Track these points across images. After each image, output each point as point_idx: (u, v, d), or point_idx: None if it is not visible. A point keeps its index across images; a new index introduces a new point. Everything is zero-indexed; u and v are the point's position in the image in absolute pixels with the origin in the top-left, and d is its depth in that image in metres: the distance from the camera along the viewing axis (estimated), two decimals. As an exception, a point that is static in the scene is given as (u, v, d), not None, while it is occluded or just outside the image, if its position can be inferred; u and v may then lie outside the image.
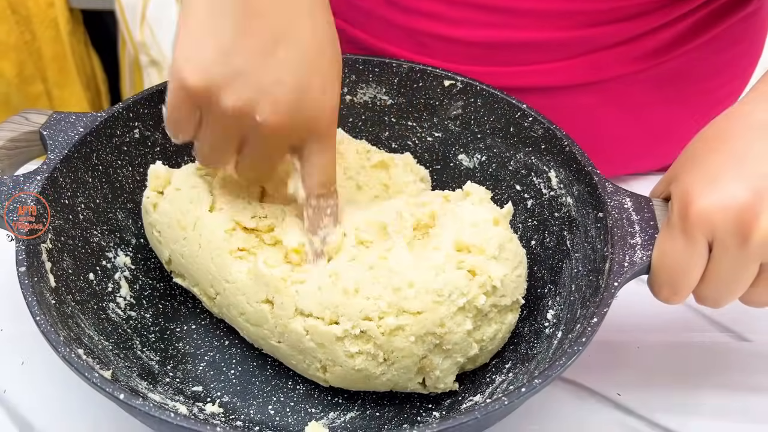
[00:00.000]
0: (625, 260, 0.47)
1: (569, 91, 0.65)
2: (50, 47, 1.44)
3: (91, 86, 1.56)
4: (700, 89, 0.66)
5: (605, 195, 0.51)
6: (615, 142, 0.69)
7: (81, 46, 1.50)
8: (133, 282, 0.57)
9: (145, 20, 1.40)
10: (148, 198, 0.56)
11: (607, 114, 0.67)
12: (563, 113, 0.61)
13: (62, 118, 0.56)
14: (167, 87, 0.46)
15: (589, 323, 0.44)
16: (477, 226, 0.50)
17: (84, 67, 1.52)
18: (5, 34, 1.40)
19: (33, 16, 1.41)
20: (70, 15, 1.44)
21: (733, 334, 0.58)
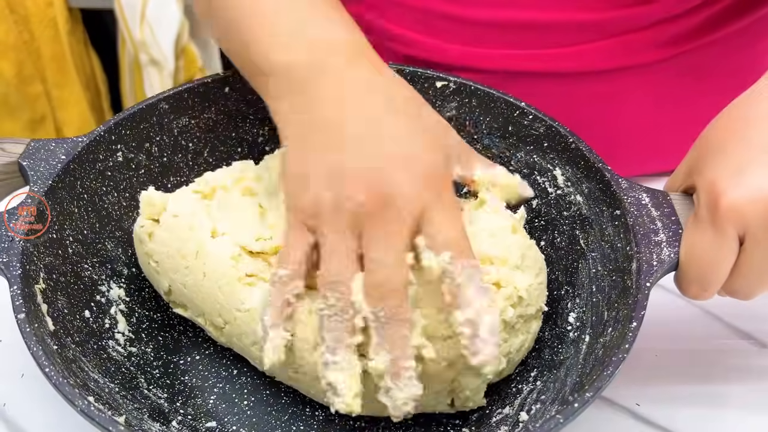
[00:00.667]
0: (653, 259, 0.46)
1: (586, 79, 0.64)
2: (49, 47, 1.42)
3: (91, 86, 1.53)
4: (722, 85, 0.65)
5: (620, 192, 0.50)
6: (629, 137, 0.68)
7: (80, 46, 1.47)
8: (129, 315, 0.54)
9: (144, 19, 1.37)
10: (143, 227, 0.53)
11: (622, 106, 0.66)
12: (577, 103, 0.59)
13: (41, 146, 0.52)
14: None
15: (628, 327, 0.43)
16: (495, 236, 0.48)
17: (83, 66, 1.49)
18: (4, 34, 1.38)
19: (31, 16, 1.38)
20: (69, 14, 1.42)
21: (754, 341, 0.57)
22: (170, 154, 0.58)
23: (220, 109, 0.59)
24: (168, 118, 0.57)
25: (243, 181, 0.54)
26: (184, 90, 0.58)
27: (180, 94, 0.58)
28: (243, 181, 0.54)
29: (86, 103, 1.52)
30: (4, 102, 1.48)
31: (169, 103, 0.57)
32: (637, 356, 0.55)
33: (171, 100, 0.57)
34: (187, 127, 0.58)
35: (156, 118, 0.57)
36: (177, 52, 1.43)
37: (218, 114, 0.59)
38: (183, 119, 0.58)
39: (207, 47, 1.51)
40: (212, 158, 0.60)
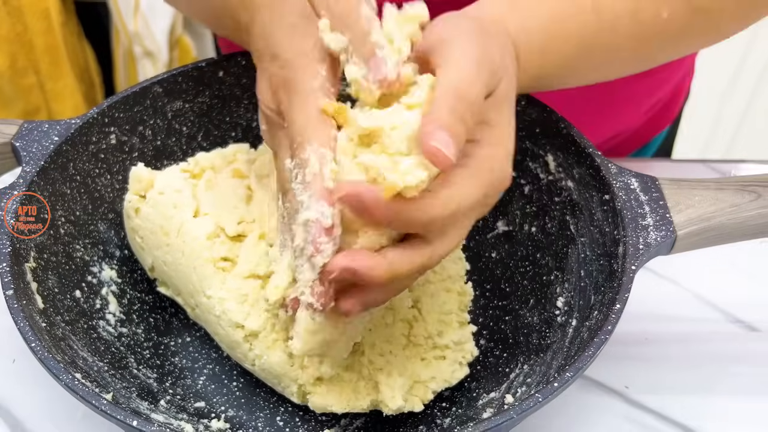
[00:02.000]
0: (640, 243, 0.46)
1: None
2: (42, 39, 1.41)
3: (85, 78, 1.53)
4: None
5: (609, 177, 0.50)
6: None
7: (74, 38, 1.47)
8: (120, 296, 0.54)
9: (138, 10, 1.37)
10: (130, 202, 0.53)
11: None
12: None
13: (34, 128, 0.52)
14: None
15: (611, 310, 0.43)
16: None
17: (77, 58, 1.49)
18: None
19: (25, 8, 1.38)
20: (63, 6, 1.41)
21: (743, 324, 0.58)
22: (164, 137, 0.58)
23: (214, 93, 0.59)
24: (162, 102, 0.58)
25: (234, 163, 0.54)
26: (178, 74, 0.58)
27: (174, 78, 0.58)
28: (234, 163, 0.54)
29: (80, 94, 1.52)
30: (-5, 93, 1.48)
31: (163, 86, 0.57)
32: (627, 340, 0.55)
33: (165, 83, 0.57)
34: (180, 110, 0.59)
35: (150, 101, 0.57)
36: (171, 43, 1.44)
37: (212, 98, 0.59)
38: (177, 103, 0.58)
39: (201, 38, 1.52)
40: (206, 142, 0.60)
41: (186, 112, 0.59)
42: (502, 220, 0.58)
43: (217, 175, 0.54)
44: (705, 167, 0.70)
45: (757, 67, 1.41)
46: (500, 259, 0.58)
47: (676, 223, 0.47)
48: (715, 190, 0.48)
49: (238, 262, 0.51)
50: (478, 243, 0.59)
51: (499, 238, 0.58)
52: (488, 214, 0.58)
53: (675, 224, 0.47)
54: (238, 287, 0.49)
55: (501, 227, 0.58)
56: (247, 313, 0.49)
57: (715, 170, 0.70)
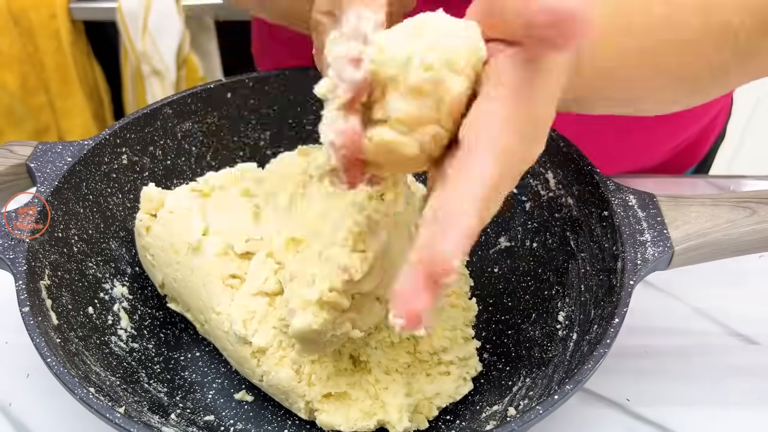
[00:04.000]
0: (638, 258, 0.47)
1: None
2: (53, 58, 1.45)
3: (94, 97, 1.56)
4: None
5: (608, 193, 0.51)
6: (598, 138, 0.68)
7: (83, 57, 1.50)
8: (132, 312, 0.55)
9: (146, 30, 1.40)
10: (141, 221, 0.55)
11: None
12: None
13: (48, 149, 0.54)
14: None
15: (610, 324, 0.44)
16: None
17: (86, 77, 1.52)
18: (8, 46, 1.41)
19: (35, 28, 1.42)
20: (72, 26, 1.45)
21: (742, 337, 0.58)
22: (173, 157, 0.60)
23: (223, 113, 0.61)
24: (172, 123, 0.59)
25: (242, 182, 0.56)
26: (188, 95, 0.59)
27: (184, 99, 0.59)
28: (242, 182, 0.56)
29: (89, 112, 1.55)
30: (8, 113, 1.51)
31: (173, 107, 0.59)
32: (627, 353, 0.56)
33: (175, 105, 0.59)
34: (190, 131, 0.60)
35: (160, 122, 0.59)
36: (178, 62, 1.46)
37: (221, 119, 0.61)
38: (186, 123, 0.60)
39: (208, 57, 1.54)
40: (215, 162, 0.62)
41: (195, 132, 0.61)
42: (504, 235, 0.60)
43: (225, 194, 0.55)
44: (704, 182, 0.72)
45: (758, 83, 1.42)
46: (502, 275, 0.59)
47: (673, 239, 0.48)
48: (711, 207, 0.49)
49: (247, 279, 0.52)
50: (480, 258, 0.60)
51: (501, 253, 0.59)
52: (490, 230, 0.60)
53: (672, 240, 0.48)
54: (246, 304, 0.51)
55: (503, 243, 0.60)
56: (254, 330, 0.50)
57: (714, 186, 0.71)
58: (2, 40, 1.42)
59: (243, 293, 0.51)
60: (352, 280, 0.44)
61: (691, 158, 0.83)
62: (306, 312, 0.45)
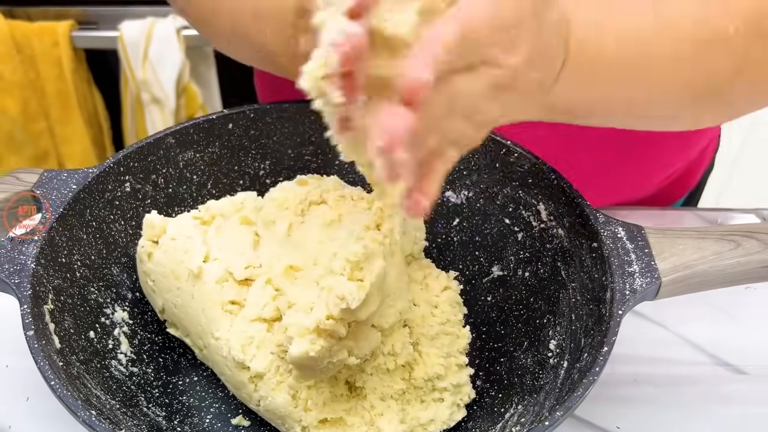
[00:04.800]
0: (626, 288, 0.49)
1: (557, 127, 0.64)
2: (54, 85, 1.48)
3: (94, 123, 1.58)
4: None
5: (598, 225, 0.53)
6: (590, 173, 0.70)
7: (84, 84, 1.52)
8: (132, 337, 0.56)
9: (147, 59, 1.42)
10: (143, 247, 0.56)
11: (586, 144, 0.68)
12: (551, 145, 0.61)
13: (54, 176, 0.55)
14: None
15: (600, 352, 0.45)
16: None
17: (86, 104, 1.54)
18: (10, 73, 1.44)
19: (38, 56, 1.44)
20: (74, 54, 1.47)
21: (730, 366, 0.60)
22: (175, 185, 0.61)
23: (224, 143, 0.63)
24: (174, 152, 0.61)
25: (242, 211, 0.57)
26: (190, 125, 0.61)
27: (186, 130, 0.61)
28: (242, 211, 0.57)
29: (89, 139, 1.57)
30: (9, 138, 1.53)
31: (176, 137, 0.61)
32: (618, 381, 0.58)
33: (177, 134, 0.61)
34: (192, 160, 0.62)
35: (163, 151, 0.60)
36: (178, 90, 1.48)
37: (222, 148, 0.63)
38: (188, 153, 0.61)
39: (208, 86, 1.56)
40: (215, 190, 0.63)
41: (197, 161, 0.62)
42: (497, 265, 0.61)
43: (226, 221, 0.57)
44: (692, 215, 0.73)
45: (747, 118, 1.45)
46: (495, 303, 0.60)
47: (660, 270, 0.49)
48: (697, 239, 0.51)
49: (246, 306, 0.53)
50: (474, 287, 0.62)
51: (494, 282, 0.61)
52: (484, 259, 0.62)
53: (660, 271, 0.49)
54: (244, 330, 0.52)
55: (496, 272, 0.61)
56: (252, 355, 0.51)
57: (701, 218, 0.73)
58: (4, 67, 1.44)
59: (242, 319, 0.52)
60: (349, 308, 0.45)
61: (680, 190, 0.84)
62: (304, 339, 0.46)
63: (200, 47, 1.50)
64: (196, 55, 1.51)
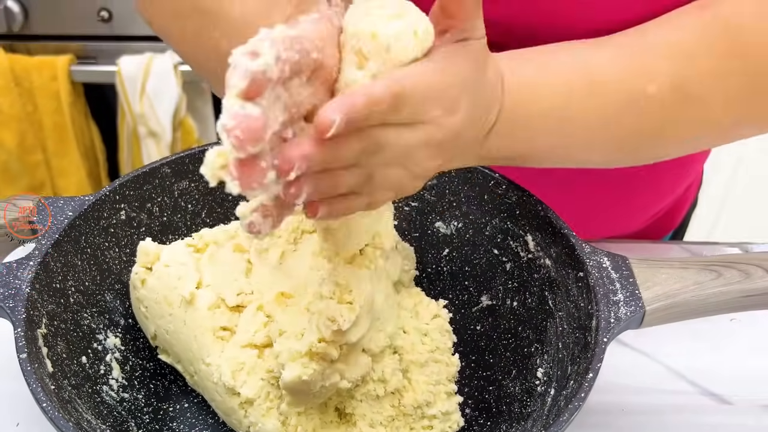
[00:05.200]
0: (611, 316, 0.50)
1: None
2: (51, 118, 1.49)
3: (90, 156, 1.59)
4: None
5: (584, 255, 0.54)
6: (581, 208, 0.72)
7: (81, 118, 1.54)
8: (123, 363, 0.57)
9: (144, 93, 1.45)
10: (137, 274, 0.57)
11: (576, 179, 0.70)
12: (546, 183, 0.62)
13: (50, 203, 0.56)
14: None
15: (585, 378, 0.46)
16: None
17: (83, 137, 1.56)
18: (8, 106, 1.45)
19: (36, 89, 1.46)
20: (72, 88, 1.49)
21: (715, 396, 0.60)
22: (170, 214, 0.62)
23: (218, 173, 0.64)
24: (169, 181, 0.62)
25: (235, 239, 0.58)
26: (186, 155, 0.62)
27: (182, 160, 0.62)
28: (235, 239, 0.58)
29: (84, 171, 1.58)
30: (4, 169, 1.54)
31: (171, 167, 0.62)
32: (605, 410, 0.58)
33: (173, 164, 0.62)
34: (187, 189, 0.63)
35: (158, 180, 0.61)
36: (174, 124, 1.50)
37: (216, 178, 0.64)
38: (183, 182, 0.63)
39: (204, 120, 1.58)
40: (209, 219, 0.64)
41: (192, 191, 0.63)
42: (486, 294, 0.62)
43: (219, 249, 0.57)
44: (678, 248, 0.75)
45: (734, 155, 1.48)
46: (484, 332, 0.61)
47: (644, 299, 0.51)
48: (679, 269, 0.52)
49: (237, 332, 0.54)
50: (463, 316, 0.62)
51: (483, 312, 0.62)
52: (473, 289, 0.63)
53: (644, 300, 0.51)
54: (235, 356, 0.53)
55: (485, 301, 0.62)
56: (243, 381, 0.52)
57: (687, 251, 0.74)
58: (3, 100, 1.46)
59: (233, 345, 0.53)
60: (340, 330, 0.46)
61: (667, 226, 0.86)
62: (296, 363, 0.47)
63: (197, 82, 1.53)
64: (192, 90, 1.53)
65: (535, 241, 0.59)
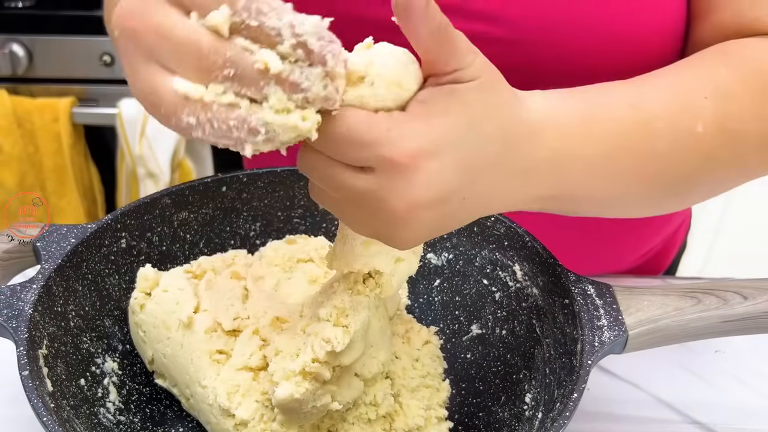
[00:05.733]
0: (595, 340, 0.51)
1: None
2: (52, 159, 1.52)
3: (88, 196, 1.62)
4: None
5: (569, 284, 0.56)
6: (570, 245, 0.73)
7: (81, 159, 1.57)
8: (120, 387, 0.58)
9: (144, 135, 1.48)
10: (136, 299, 0.58)
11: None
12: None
13: (54, 230, 0.58)
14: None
15: (570, 399, 0.48)
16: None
17: (82, 178, 1.58)
18: (10, 147, 1.48)
19: (37, 130, 1.49)
20: (73, 130, 1.52)
21: (700, 425, 0.61)
22: (169, 243, 0.64)
23: (217, 205, 0.66)
24: (169, 212, 0.64)
25: (233, 266, 0.60)
26: (186, 187, 0.65)
27: (182, 191, 0.64)
28: (233, 266, 0.60)
29: (82, 211, 1.60)
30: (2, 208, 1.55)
31: (172, 198, 0.64)
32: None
33: (173, 195, 0.64)
34: (186, 220, 0.65)
35: (159, 210, 0.63)
36: (173, 165, 1.53)
37: (215, 210, 0.66)
38: (183, 213, 0.65)
39: (202, 161, 1.61)
40: (207, 249, 0.66)
41: (191, 221, 0.65)
42: (476, 323, 0.64)
43: (216, 276, 0.59)
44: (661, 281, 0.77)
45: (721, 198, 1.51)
46: (474, 360, 0.62)
47: (627, 324, 0.52)
48: (661, 296, 0.54)
49: (233, 355, 0.55)
50: (454, 345, 0.64)
51: (473, 340, 0.63)
52: (463, 319, 0.64)
53: (627, 325, 0.52)
54: (231, 378, 0.54)
55: (475, 330, 0.63)
56: (238, 403, 0.53)
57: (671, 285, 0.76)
58: (5, 141, 1.49)
59: (228, 368, 0.54)
60: (334, 351, 0.48)
61: (657, 268, 0.88)
62: (289, 382, 0.48)
63: (196, 125, 1.56)
64: (191, 133, 1.56)
65: (523, 271, 0.61)
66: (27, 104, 1.50)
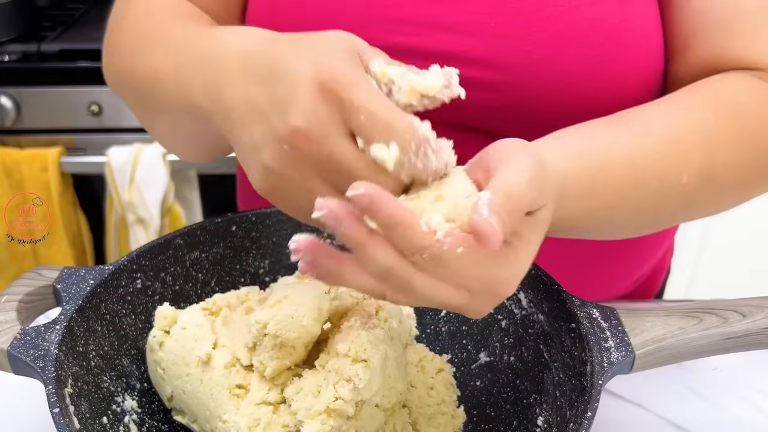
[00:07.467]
0: (604, 361, 0.53)
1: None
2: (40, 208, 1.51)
3: (77, 244, 1.62)
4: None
5: (574, 308, 0.58)
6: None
7: (69, 207, 1.57)
8: (140, 425, 0.59)
9: (133, 182, 1.49)
10: (155, 337, 0.59)
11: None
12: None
13: (73, 273, 0.60)
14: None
15: (584, 417, 0.50)
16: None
17: (71, 226, 1.59)
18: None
19: (26, 180, 1.50)
20: (62, 179, 1.53)
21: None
22: (182, 282, 0.66)
23: (227, 244, 0.68)
24: (182, 252, 0.66)
25: (246, 302, 0.62)
26: (197, 227, 0.66)
27: (193, 231, 0.66)
28: (246, 302, 0.62)
29: (71, 259, 1.61)
30: (-7, 258, 1.56)
31: (184, 238, 0.66)
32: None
33: (186, 236, 0.66)
34: (198, 259, 0.67)
35: (172, 251, 0.65)
36: (163, 211, 1.55)
37: (225, 249, 0.68)
38: (195, 253, 0.66)
39: (190, 206, 1.63)
40: (218, 287, 0.68)
41: (202, 261, 0.67)
42: (483, 351, 0.66)
43: (232, 312, 0.61)
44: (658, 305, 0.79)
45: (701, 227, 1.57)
46: (484, 387, 0.64)
47: (633, 345, 0.55)
48: (663, 317, 0.56)
49: (251, 390, 0.56)
50: (463, 374, 0.66)
51: (482, 368, 0.65)
52: (471, 347, 0.66)
53: (633, 345, 0.55)
54: (251, 412, 0.55)
55: (483, 358, 0.65)
56: None
57: (667, 309, 0.78)
58: (-7, 191, 1.49)
59: (248, 402, 0.56)
60: (356, 388, 0.49)
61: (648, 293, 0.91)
62: (315, 421, 0.50)
63: (184, 170, 1.58)
64: (180, 178, 1.58)
65: (528, 298, 0.63)
66: (15, 155, 1.51)
